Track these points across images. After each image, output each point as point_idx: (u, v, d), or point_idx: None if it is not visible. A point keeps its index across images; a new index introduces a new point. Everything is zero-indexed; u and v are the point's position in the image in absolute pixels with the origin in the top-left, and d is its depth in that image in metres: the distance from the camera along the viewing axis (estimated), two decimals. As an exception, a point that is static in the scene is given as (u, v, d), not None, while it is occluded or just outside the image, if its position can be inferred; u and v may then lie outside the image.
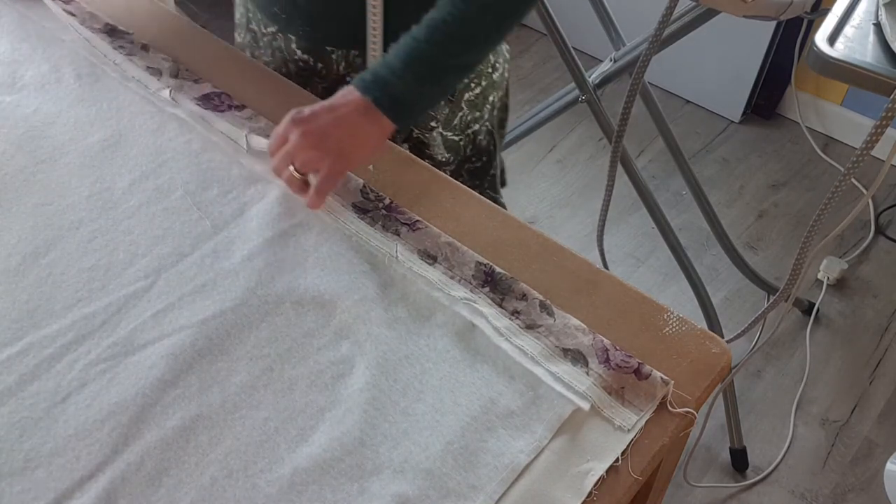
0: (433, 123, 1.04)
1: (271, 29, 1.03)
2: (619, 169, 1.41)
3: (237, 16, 1.10)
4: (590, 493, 0.65)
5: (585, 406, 0.70)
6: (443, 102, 1.03)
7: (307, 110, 0.81)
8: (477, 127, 1.07)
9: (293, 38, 1.01)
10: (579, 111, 1.91)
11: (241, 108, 0.96)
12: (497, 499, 0.65)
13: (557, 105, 1.63)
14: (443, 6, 0.80)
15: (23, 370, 0.72)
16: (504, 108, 1.13)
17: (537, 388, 0.71)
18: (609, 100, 2.30)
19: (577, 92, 1.53)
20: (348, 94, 0.81)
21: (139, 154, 0.91)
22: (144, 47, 1.03)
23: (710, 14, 1.36)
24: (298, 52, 1.02)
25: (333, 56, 1.00)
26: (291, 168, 0.82)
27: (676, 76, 2.37)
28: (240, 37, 1.11)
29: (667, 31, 1.29)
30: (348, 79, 1.01)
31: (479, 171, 1.13)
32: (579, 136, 2.31)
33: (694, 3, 1.33)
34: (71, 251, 0.82)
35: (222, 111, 0.95)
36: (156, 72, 1.00)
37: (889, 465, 1.37)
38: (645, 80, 1.45)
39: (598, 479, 0.66)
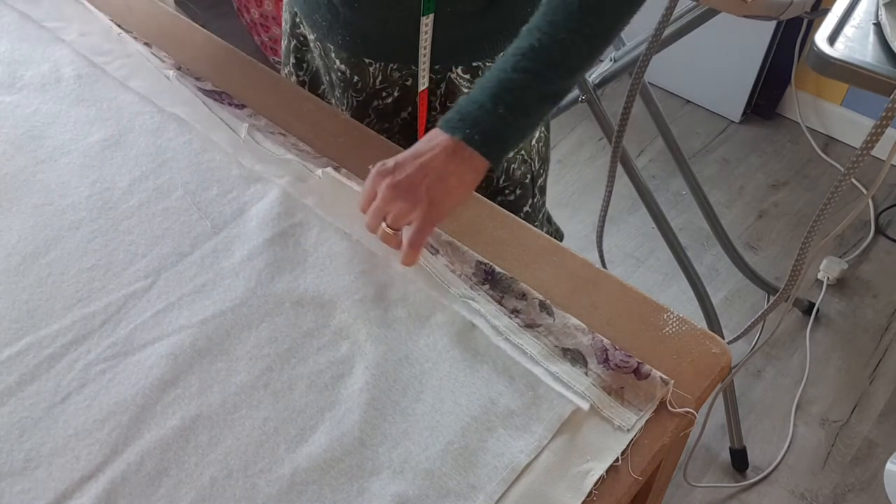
0: None
1: (312, 36, 1.03)
2: (619, 169, 1.41)
3: (283, 23, 1.09)
4: (590, 493, 0.65)
5: (585, 406, 0.70)
6: None
7: (391, 161, 0.76)
8: (510, 154, 1.03)
9: (332, 46, 0.99)
10: (579, 111, 1.91)
11: (241, 107, 0.96)
12: (497, 499, 0.65)
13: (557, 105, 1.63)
14: (528, 35, 0.76)
15: (23, 370, 0.72)
16: (545, 144, 1.09)
17: (537, 388, 0.71)
18: (609, 100, 2.31)
19: (577, 92, 1.53)
20: (434, 137, 0.76)
21: (139, 154, 0.91)
22: (146, 45, 1.03)
23: (710, 14, 1.36)
24: (338, 62, 1.00)
25: (371, 69, 0.98)
26: (384, 224, 0.77)
27: (676, 76, 2.37)
28: (283, 44, 1.11)
29: (667, 31, 1.29)
30: (384, 93, 1.00)
31: (512, 205, 1.08)
32: (579, 136, 2.31)
33: (694, 3, 1.33)
34: (71, 251, 0.82)
35: (222, 106, 0.95)
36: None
37: (889, 465, 1.37)
38: (645, 80, 1.45)
39: (598, 479, 0.66)
